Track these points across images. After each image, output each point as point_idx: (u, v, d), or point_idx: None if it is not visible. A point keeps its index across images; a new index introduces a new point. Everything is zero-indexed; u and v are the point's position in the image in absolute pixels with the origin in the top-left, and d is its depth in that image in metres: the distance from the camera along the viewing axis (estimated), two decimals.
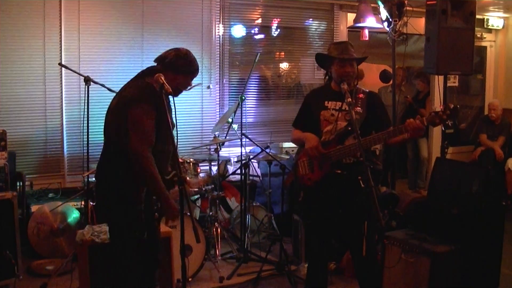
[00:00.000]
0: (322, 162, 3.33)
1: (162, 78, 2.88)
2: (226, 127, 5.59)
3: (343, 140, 3.30)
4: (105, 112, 3.04)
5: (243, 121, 5.33)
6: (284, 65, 6.67)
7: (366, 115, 3.35)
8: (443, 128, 4.83)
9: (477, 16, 4.97)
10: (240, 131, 5.11)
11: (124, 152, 2.85)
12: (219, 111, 6.12)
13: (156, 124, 2.87)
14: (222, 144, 5.14)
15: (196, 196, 5.06)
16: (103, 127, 3.04)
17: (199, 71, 3.05)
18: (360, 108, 3.34)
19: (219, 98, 6.14)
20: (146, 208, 2.98)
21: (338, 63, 3.36)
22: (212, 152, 5.04)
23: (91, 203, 4.50)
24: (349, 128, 3.26)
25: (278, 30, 6.50)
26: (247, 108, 6.13)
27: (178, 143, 3.10)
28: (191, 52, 3.07)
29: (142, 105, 2.83)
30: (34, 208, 4.78)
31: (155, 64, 3.04)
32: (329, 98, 3.42)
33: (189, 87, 3.12)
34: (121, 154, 2.87)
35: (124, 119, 2.84)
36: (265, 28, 6.45)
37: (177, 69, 2.99)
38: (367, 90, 3.49)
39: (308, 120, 3.48)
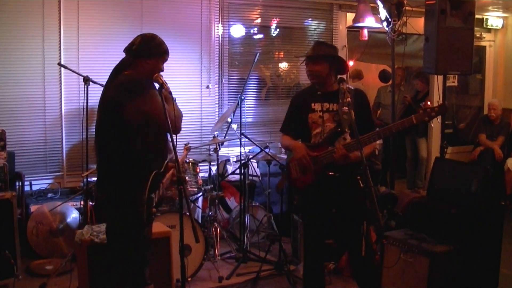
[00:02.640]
0: (314, 166, 3.30)
1: (162, 78, 2.89)
2: (225, 127, 5.59)
3: (333, 142, 3.26)
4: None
5: (242, 121, 5.32)
6: (283, 65, 6.66)
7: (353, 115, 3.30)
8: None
9: (476, 16, 4.96)
10: (239, 131, 5.11)
11: (123, 152, 2.85)
12: (218, 111, 6.12)
13: (146, 115, 2.86)
14: (221, 144, 5.14)
15: (198, 195, 5.05)
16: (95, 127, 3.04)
17: (200, 71, 3.06)
18: (347, 108, 3.26)
19: (218, 98, 6.13)
20: (146, 209, 2.99)
21: (305, 62, 3.38)
22: (211, 152, 5.04)
23: (90, 203, 4.50)
24: (339, 129, 3.23)
25: (277, 30, 6.50)
26: (246, 108, 6.13)
27: (177, 143, 3.09)
28: (157, 36, 3.07)
29: (133, 103, 2.82)
30: (33, 208, 4.78)
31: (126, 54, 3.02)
32: (315, 100, 3.38)
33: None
34: (121, 155, 2.87)
35: (122, 121, 2.83)
36: (264, 28, 6.45)
37: (146, 53, 2.98)
38: (352, 88, 3.37)
39: (297, 123, 3.44)
